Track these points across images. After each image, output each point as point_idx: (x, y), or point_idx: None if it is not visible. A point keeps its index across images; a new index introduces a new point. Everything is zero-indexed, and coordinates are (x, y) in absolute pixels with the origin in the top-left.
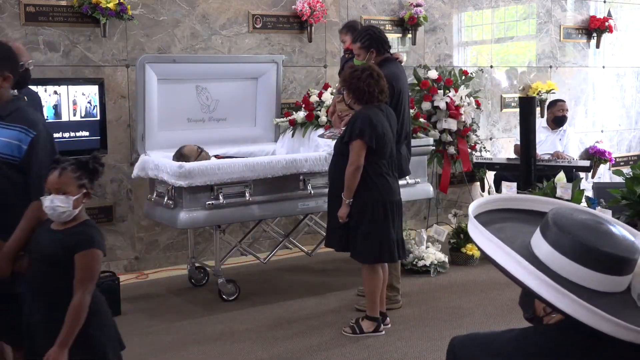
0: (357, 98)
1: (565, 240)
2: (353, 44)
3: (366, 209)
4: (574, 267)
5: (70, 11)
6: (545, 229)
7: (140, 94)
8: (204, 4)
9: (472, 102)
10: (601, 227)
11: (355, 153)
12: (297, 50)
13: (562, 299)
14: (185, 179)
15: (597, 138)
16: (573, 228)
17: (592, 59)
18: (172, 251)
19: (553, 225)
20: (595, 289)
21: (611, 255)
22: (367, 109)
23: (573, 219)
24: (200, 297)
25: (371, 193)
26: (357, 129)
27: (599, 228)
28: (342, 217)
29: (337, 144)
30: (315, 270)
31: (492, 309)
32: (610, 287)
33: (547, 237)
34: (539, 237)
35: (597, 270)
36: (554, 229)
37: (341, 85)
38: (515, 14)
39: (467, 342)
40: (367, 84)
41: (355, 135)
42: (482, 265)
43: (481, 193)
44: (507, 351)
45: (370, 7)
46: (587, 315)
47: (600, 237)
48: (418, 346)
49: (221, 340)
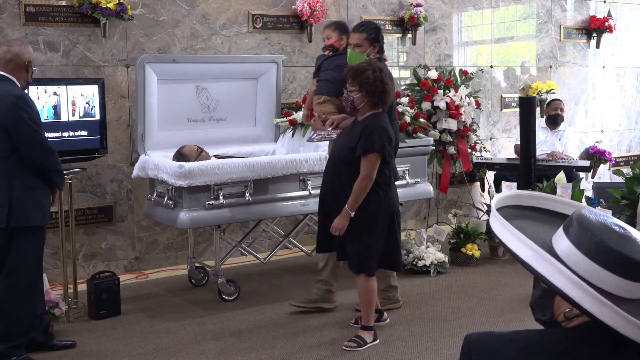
0: (374, 103)
1: (588, 240)
2: (357, 33)
3: (376, 219)
4: (595, 269)
5: (70, 11)
6: (569, 228)
7: (140, 94)
8: (204, 4)
9: (472, 102)
10: (624, 232)
11: (372, 166)
12: (297, 50)
13: (590, 301)
14: (185, 179)
15: (597, 138)
16: (597, 229)
17: (592, 59)
18: (172, 251)
19: (577, 224)
20: (613, 293)
21: (632, 261)
22: (378, 119)
23: (598, 221)
24: (200, 297)
25: (381, 204)
26: (377, 144)
27: (623, 233)
28: (342, 229)
29: (340, 152)
30: (315, 270)
31: (492, 309)
32: (628, 292)
33: (569, 236)
34: (562, 236)
35: (617, 274)
36: (578, 228)
37: (357, 86)
38: (515, 14)
39: (484, 339)
40: (388, 88)
41: (374, 149)
42: (482, 265)
43: (481, 193)
44: (531, 350)
45: (370, 7)
46: (615, 318)
47: (623, 241)
48: (418, 346)
49: (221, 340)
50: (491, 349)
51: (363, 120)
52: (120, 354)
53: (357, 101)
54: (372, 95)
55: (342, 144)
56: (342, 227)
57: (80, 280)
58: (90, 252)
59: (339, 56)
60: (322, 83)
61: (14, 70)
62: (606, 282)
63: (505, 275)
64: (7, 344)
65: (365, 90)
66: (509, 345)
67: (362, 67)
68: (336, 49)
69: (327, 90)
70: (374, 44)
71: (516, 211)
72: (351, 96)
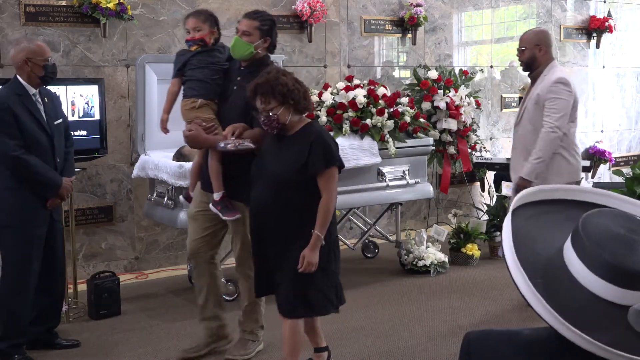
0: (302, 110)
1: (591, 254)
2: (249, 19)
3: (333, 248)
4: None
5: (70, 11)
6: (576, 237)
7: (140, 94)
8: (204, 4)
9: (472, 102)
10: (630, 237)
11: (334, 181)
12: (297, 50)
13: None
14: (185, 179)
15: (597, 138)
16: (600, 240)
17: (592, 59)
18: (172, 251)
19: (583, 234)
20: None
21: (629, 271)
22: (318, 126)
23: (602, 229)
24: None
25: (334, 228)
26: (335, 155)
27: (627, 239)
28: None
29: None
30: None
31: (492, 309)
32: (621, 299)
33: (576, 248)
34: (569, 247)
35: (623, 287)
36: (583, 240)
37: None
38: (515, 14)
39: (483, 337)
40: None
41: (334, 162)
42: (482, 265)
43: (481, 193)
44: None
45: (370, 7)
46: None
47: (625, 250)
48: (417, 346)
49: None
50: (490, 347)
51: (300, 133)
52: (120, 354)
53: (283, 117)
54: (297, 103)
55: (284, 164)
56: (316, 260)
57: (80, 280)
58: (90, 252)
59: (211, 52)
60: (192, 84)
61: (18, 71)
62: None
63: (505, 275)
64: (7, 343)
65: (290, 100)
66: (508, 343)
67: (271, 76)
68: (206, 43)
69: (201, 92)
70: (265, 37)
71: (536, 209)
72: (273, 115)
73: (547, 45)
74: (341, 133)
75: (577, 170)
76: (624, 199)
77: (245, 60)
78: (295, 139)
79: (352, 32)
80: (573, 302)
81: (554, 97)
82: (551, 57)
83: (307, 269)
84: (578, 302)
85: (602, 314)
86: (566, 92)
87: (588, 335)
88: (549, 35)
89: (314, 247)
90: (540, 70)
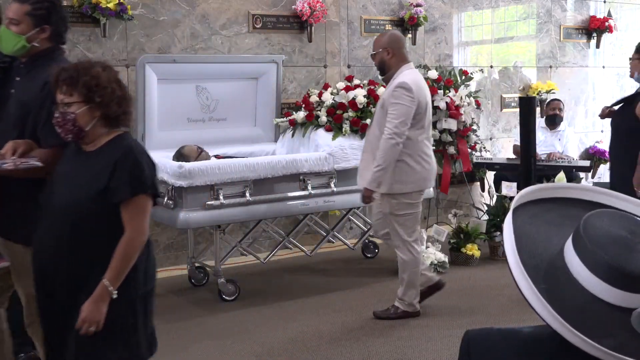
0: (114, 118)
1: (592, 256)
2: (17, 3)
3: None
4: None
5: (70, 11)
6: (577, 238)
7: (140, 94)
8: (204, 4)
9: (472, 102)
10: (634, 240)
11: (145, 214)
12: (297, 50)
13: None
14: (185, 179)
15: (597, 138)
16: (601, 241)
17: (592, 59)
18: (172, 251)
19: (584, 235)
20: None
21: (631, 274)
22: (131, 141)
23: (604, 231)
24: (200, 297)
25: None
26: (148, 179)
27: (629, 242)
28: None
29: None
30: (315, 270)
31: (492, 309)
32: (624, 302)
33: (577, 250)
34: (570, 248)
35: (624, 290)
36: (584, 241)
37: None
38: (515, 14)
39: (483, 335)
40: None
41: (145, 188)
42: (482, 265)
43: (481, 193)
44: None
45: (370, 7)
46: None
47: (626, 253)
48: (417, 346)
49: (221, 340)
50: (490, 345)
51: (105, 148)
52: None
53: (82, 119)
54: (107, 107)
55: (78, 189)
56: (99, 317)
57: None
58: None
59: None
60: None
61: None
62: (614, 297)
63: (505, 275)
64: None
65: (96, 98)
66: (508, 342)
67: (84, 63)
68: None
69: None
70: (41, 25)
71: (536, 208)
72: (70, 113)
73: (395, 48)
74: (341, 133)
75: (424, 178)
76: (624, 198)
77: (22, 56)
78: (97, 156)
79: (352, 32)
80: (575, 304)
81: (394, 102)
82: (403, 60)
83: (86, 328)
84: (579, 304)
85: (603, 316)
86: (407, 97)
87: (593, 340)
88: (399, 38)
89: (98, 300)
90: (391, 74)
